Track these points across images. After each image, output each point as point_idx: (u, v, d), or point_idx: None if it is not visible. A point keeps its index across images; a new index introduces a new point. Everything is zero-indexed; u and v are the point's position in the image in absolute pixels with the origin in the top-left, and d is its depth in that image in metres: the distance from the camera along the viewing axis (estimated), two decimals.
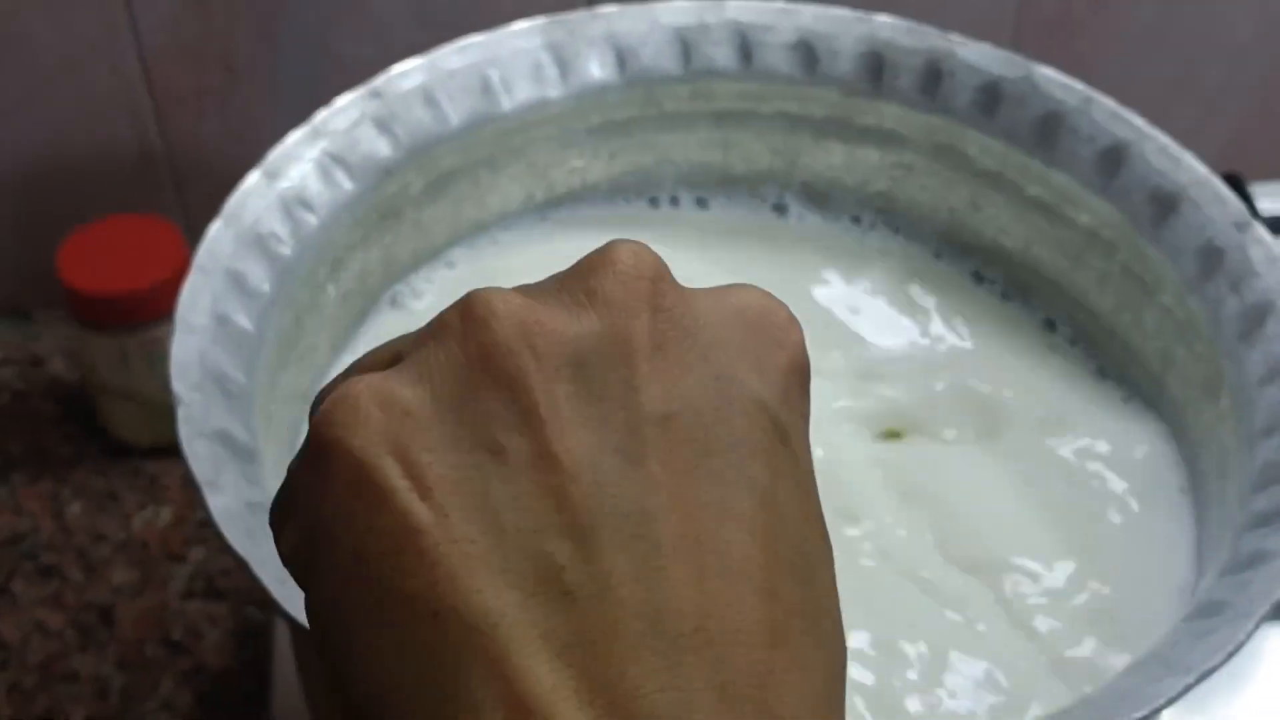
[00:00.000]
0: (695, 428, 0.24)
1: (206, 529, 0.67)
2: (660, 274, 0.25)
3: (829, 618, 0.25)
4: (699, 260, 0.51)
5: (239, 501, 0.39)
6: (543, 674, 0.22)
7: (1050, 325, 0.52)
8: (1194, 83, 0.77)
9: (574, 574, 0.23)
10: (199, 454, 0.39)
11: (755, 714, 0.23)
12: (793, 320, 0.26)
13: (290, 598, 0.36)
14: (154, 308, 0.64)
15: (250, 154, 0.72)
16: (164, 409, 0.67)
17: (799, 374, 0.26)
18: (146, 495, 0.69)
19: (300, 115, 0.71)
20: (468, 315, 0.24)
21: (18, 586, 0.66)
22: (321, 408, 0.25)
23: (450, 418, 0.24)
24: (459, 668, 0.23)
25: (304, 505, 0.25)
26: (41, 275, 0.67)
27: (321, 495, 0.24)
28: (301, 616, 0.36)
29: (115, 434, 0.69)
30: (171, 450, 0.69)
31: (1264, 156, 0.79)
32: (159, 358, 0.65)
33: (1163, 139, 0.49)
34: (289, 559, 0.25)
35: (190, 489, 0.68)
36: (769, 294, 0.26)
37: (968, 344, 0.51)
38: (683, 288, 0.25)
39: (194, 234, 0.74)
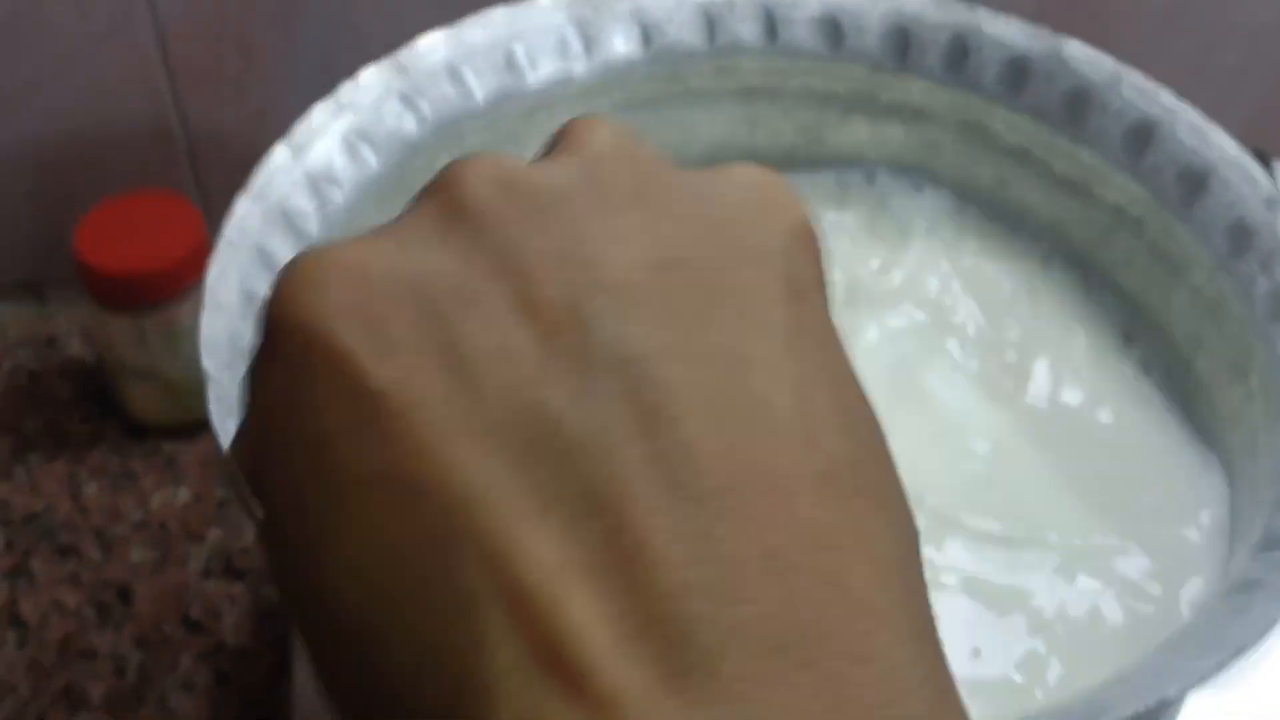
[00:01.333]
0: (700, 273, 0.21)
1: (225, 509, 0.67)
2: (644, 141, 0.23)
3: (887, 477, 0.20)
4: None
5: None
6: (545, 552, 0.18)
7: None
8: (1214, 63, 0.77)
9: (570, 428, 0.19)
10: (230, 432, 0.39)
11: (815, 585, 0.18)
12: (795, 196, 0.23)
13: None
14: (172, 286, 0.64)
15: (268, 133, 0.71)
16: (182, 389, 0.67)
17: (807, 238, 0.22)
18: (164, 475, 0.68)
19: (318, 95, 0.70)
20: (441, 177, 0.22)
21: (36, 565, 0.65)
22: (272, 284, 0.21)
23: (418, 271, 0.21)
24: (446, 556, 0.19)
25: (254, 405, 0.21)
26: (57, 254, 0.67)
27: (269, 383, 0.21)
28: None
29: (132, 414, 0.69)
30: (189, 430, 0.69)
31: None
32: (177, 336, 0.65)
33: (1193, 115, 0.49)
34: (249, 477, 0.22)
35: (208, 469, 0.68)
36: (771, 170, 0.23)
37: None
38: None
39: (211, 212, 0.74)
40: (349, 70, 0.69)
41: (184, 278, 0.63)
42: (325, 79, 0.70)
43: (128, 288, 0.63)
